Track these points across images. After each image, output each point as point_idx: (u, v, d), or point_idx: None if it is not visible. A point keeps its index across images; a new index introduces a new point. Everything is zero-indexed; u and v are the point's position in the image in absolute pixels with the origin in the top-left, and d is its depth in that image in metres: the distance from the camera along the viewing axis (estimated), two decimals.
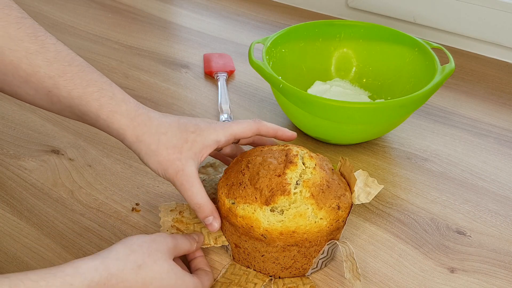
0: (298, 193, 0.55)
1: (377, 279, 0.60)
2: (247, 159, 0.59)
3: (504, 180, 0.74)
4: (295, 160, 0.57)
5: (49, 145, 0.77)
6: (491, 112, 0.88)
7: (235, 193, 0.57)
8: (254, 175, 0.57)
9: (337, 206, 0.56)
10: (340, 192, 0.58)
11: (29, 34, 0.54)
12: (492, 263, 0.62)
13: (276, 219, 0.55)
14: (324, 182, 0.57)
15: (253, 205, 0.56)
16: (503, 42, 1.02)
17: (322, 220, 0.55)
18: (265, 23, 1.15)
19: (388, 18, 1.11)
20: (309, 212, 0.55)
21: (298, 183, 0.56)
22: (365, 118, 0.73)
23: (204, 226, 0.61)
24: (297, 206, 0.55)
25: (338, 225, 0.57)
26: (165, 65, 0.99)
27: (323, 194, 0.56)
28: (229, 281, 0.58)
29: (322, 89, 0.85)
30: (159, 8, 1.20)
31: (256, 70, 0.76)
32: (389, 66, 0.86)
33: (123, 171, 0.74)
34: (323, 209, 0.55)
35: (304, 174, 0.56)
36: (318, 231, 0.56)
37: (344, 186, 0.59)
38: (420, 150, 0.79)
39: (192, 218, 0.63)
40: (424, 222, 0.67)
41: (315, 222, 0.55)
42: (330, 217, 0.56)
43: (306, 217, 0.55)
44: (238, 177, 0.58)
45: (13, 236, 0.64)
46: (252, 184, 0.56)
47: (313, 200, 0.55)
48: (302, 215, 0.55)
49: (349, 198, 0.58)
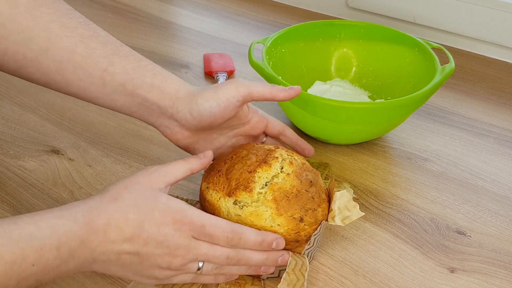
0: (262, 194, 0.55)
1: (377, 279, 0.60)
2: (236, 150, 0.60)
3: (504, 180, 0.74)
4: (271, 162, 0.56)
5: (49, 145, 0.77)
6: (491, 112, 0.88)
7: (210, 179, 0.58)
8: (231, 166, 0.57)
9: (300, 218, 0.55)
10: (309, 205, 0.56)
11: (81, 22, 0.59)
12: (492, 263, 0.62)
13: (235, 212, 0.55)
14: (294, 191, 0.56)
15: (219, 193, 0.56)
16: (503, 42, 1.02)
17: (279, 227, 0.55)
18: (265, 23, 1.15)
19: (388, 18, 1.11)
20: (267, 215, 0.55)
21: (267, 185, 0.55)
22: (365, 118, 0.73)
23: None
24: (258, 206, 0.55)
25: (298, 237, 0.56)
26: (165, 65, 0.98)
27: (287, 202, 0.55)
28: None
29: (322, 89, 0.85)
30: (159, 8, 1.20)
31: (256, 70, 0.76)
32: (389, 66, 0.86)
33: (123, 171, 0.74)
34: (283, 216, 0.55)
35: (276, 177, 0.56)
36: None
37: (319, 202, 0.57)
38: (420, 150, 0.79)
39: None
40: (424, 222, 0.67)
41: (271, 227, 0.55)
42: (288, 226, 0.55)
43: (263, 219, 0.55)
44: (220, 165, 0.59)
45: None
46: (226, 174, 0.57)
47: (274, 204, 0.55)
48: (258, 216, 0.55)
49: (319, 215, 0.56)
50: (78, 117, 0.84)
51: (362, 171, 0.75)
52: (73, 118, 0.83)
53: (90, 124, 0.82)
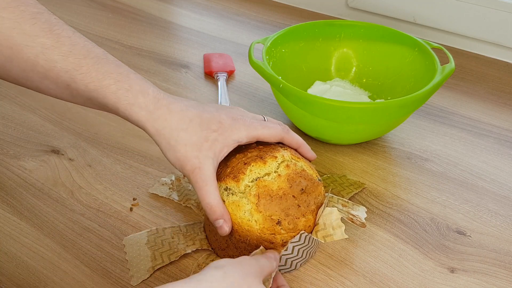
0: (249, 187, 0.56)
1: (377, 279, 0.60)
2: (259, 145, 0.60)
3: (504, 180, 0.74)
4: (267, 159, 0.57)
5: (49, 145, 0.77)
6: (491, 112, 0.88)
7: (220, 163, 0.59)
8: (234, 154, 0.59)
9: (278, 221, 0.55)
10: (292, 212, 0.56)
11: (44, 29, 0.54)
12: (492, 263, 0.62)
13: (223, 197, 0.57)
14: (280, 193, 0.56)
15: (217, 177, 0.58)
16: (503, 42, 1.02)
17: (255, 223, 0.55)
18: (265, 23, 1.15)
19: (388, 18, 1.11)
20: (246, 208, 0.56)
21: (256, 180, 0.56)
22: (365, 118, 0.73)
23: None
24: (241, 197, 0.56)
25: (273, 239, 0.56)
26: (165, 65, 0.99)
27: (269, 202, 0.55)
28: None
29: (322, 89, 0.85)
30: (159, 8, 1.20)
31: (256, 70, 0.76)
32: (389, 66, 0.86)
33: (123, 171, 0.74)
34: (261, 214, 0.55)
35: (268, 175, 0.56)
36: (247, 230, 0.56)
37: (304, 212, 0.56)
38: (420, 150, 0.79)
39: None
40: (424, 222, 0.67)
41: (248, 220, 0.56)
42: (264, 225, 0.55)
43: (242, 210, 0.56)
44: (234, 153, 0.60)
45: (13, 236, 0.64)
46: (226, 160, 0.59)
47: (255, 200, 0.55)
48: (239, 207, 0.56)
49: (300, 224, 0.56)
50: (78, 117, 0.84)
51: (362, 171, 0.75)
52: (73, 118, 0.83)
53: (90, 124, 0.82)
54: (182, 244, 0.62)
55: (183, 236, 0.63)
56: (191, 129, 0.56)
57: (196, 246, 0.62)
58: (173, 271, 0.60)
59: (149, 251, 0.61)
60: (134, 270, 0.59)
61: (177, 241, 0.62)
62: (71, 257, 0.61)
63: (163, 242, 0.62)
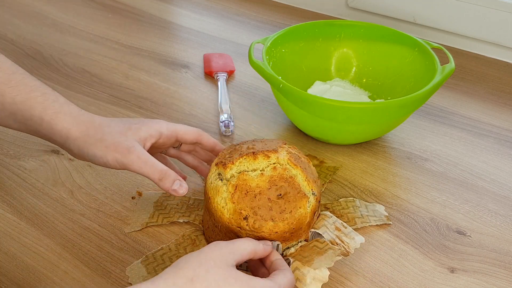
0: (233, 177, 0.57)
1: (377, 279, 0.60)
2: (265, 142, 0.62)
3: (504, 180, 0.74)
4: (258, 156, 0.58)
5: (49, 145, 0.77)
6: (491, 112, 0.88)
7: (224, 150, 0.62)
8: (236, 145, 0.62)
9: (245, 216, 0.56)
10: (262, 212, 0.56)
11: None
12: (492, 263, 0.62)
13: (211, 180, 0.59)
14: (256, 191, 0.57)
15: (215, 161, 0.61)
16: (503, 42, 1.02)
17: (226, 212, 0.57)
18: (265, 23, 1.15)
19: (388, 18, 1.11)
20: (224, 195, 0.58)
21: (240, 172, 0.57)
22: (365, 118, 0.73)
23: None
24: (224, 184, 0.58)
25: (238, 233, 0.57)
26: (165, 65, 0.99)
27: (243, 196, 0.57)
28: None
29: (322, 89, 0.85)
30: (159, 8, 1.20)
31: (256, 70, 0.76)
32: (389, 66, 0.86)
33: (123, 171, 0.73)
34: (234, 205, 0.57)
35: (253, 172, 0.57)
36: (219, 216, 0.58)
37: (274, 216, 0.56)
38: (420, 150, 0.79)
39: None
40: (424, 222, 0.67)
41: (222, 207, 0.58)
42: (233, 217, 0.57)
43: (219, 196, 0.58)
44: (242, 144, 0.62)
45: (13, 236, 0.64)
46: (227, 150, 0.62)
47: (232, 190, 0.57)
48: (218, 192, 0.58)
49: (266, 228, 0.56)
50: None
51: (362, 171, 0.75)
52: None
53: None
54: (179, 213, 0.66)
55: (186, 207, 0.67)
56: (114, 124, 0.60)
57: (189, 218, 0.65)
58: (162, 232, 0.65)
59: (152, 209, 0.67)
60: (133, 220, 0.66)
61: (179, 209, 0.66)
62: (71, 257, 0.61)
63: (167, 206, 0.67)
